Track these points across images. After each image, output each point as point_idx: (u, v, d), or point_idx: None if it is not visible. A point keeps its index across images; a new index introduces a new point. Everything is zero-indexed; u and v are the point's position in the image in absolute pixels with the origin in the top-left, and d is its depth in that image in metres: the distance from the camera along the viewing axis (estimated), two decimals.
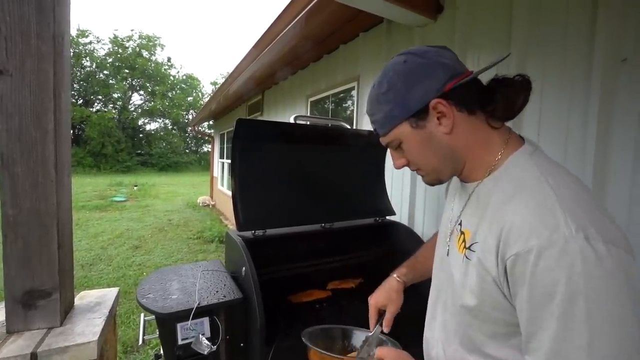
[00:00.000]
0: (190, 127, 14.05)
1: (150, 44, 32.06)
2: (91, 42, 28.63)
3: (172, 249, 5.44)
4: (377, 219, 1.78)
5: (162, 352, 1.12)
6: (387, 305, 0.85)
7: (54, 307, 0.97)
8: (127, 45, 30.57)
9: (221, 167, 9.76)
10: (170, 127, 34.27)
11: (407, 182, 2.26)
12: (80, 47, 27.55)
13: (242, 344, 1.18)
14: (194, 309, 1.06)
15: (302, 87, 4.12)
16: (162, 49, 36.71)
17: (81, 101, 28.17)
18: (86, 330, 0.97)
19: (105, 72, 29.28)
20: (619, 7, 1.18)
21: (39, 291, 0.95)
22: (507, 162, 0.58)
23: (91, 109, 27.68)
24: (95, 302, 1.16)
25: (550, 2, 1.42)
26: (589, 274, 0.43)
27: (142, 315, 1.25)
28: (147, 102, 32.58)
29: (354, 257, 1.43)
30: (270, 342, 1.07)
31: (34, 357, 0.84)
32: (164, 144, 32.53)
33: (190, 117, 32.96)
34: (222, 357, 1.15)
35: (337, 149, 1.69)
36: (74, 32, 27.03)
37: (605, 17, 1.21)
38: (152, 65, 32.04)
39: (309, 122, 1.79)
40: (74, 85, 27.05)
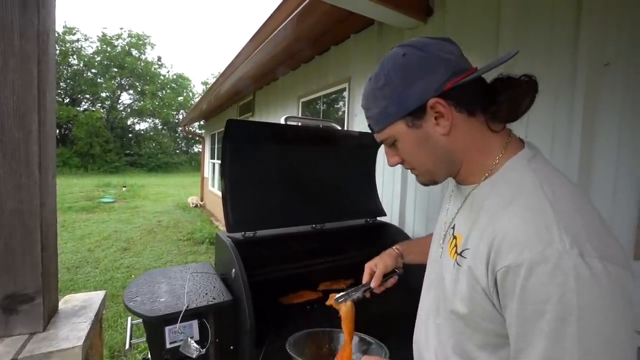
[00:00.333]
0: (180, 127, 13.90)
1: (140, 42, 31.57)
2: (79, 40, 28.08)
3: (161, 251, 5.36)
4: (368, 220, 1.79)
5: (149, 356, 1.10)
6: (378, 267, 0.90)
7: (37, 311, 0.94)
8: (116, 43, 30.07)
9: (212, 167, 9.68)
10: (160, 127, 33.81)
11: (398, 183, 2.28)
12: (67, 45, 26.96)
13: (231, 347, 1.17)
14: (183, 312, 1.04)
15: (294, 88, 4.12)
16: (152, 47, 36.24)
17: (68, 100, 27.56)
18: (70, 335, 0.95)
19: (93, 71, 28.72)
20: (600, 14, 1.22)
21: (21, 295, 0.93)
22: (504, 167, 0.55)
23: (78, 108, 27.05)
24: (80, 305, 1.14)
25: (536, 6, 1.45)
26: (583, 292, 0.41)
27: (130, 318, 1.23)
28: (137, 102, 32.07)
29: (345, 258, 1.44)
30: (260, 344, 1.06)
31: None
32: (154, 144, 32.04)
33: (180, 117, 32.56)
34: None
35: (328, 150, 1.69)
36: (60, 29, 26.46)
37: (588, 23, 1.25)
38: (142, 64, 31.54)
39: (299, 123, 1.79)
40: (60, 83, 26.44)
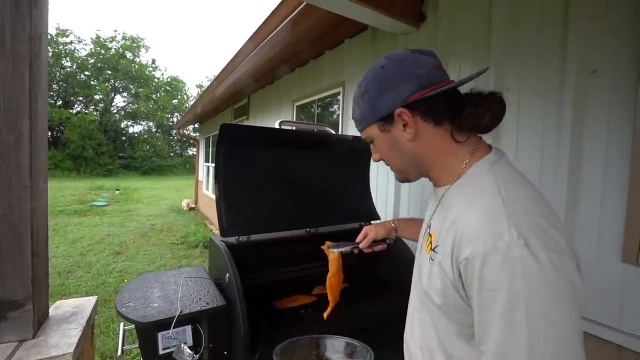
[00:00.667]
0: (175, 130, 13.81)
1: (134, 45, 31.40)
2: (72, 42, 27.83)
3: (155, 255, 5.30)
4: (362, 224, 1.79)
5: None
6: (369, 232, 1.03)
7: (27, 318, 0.93)
8: (109, 46, 29.87)
9: (206, 170, 9.63)
10: (154, 129, 33.56)
11: (392, 186, 2.30)
12: (59, 47, 26.70)
13: (225, 352, 1.16)
14: (176, 317, 1.03)
15: (288, 92, 4.13)
16: (147, 50, 36.01)
17: (60, 102, 27.26)
18: (61, 342, 0.94)
19: (86, 73, 28.46)
20: (587, 22, 1.25)
21: (10, 302, 0.91)
22: (470, 170, 0.60)
23: (71, 111, 26.75)
24: (71, 311, 1.12)
25: (526, 14, 1.48)
26: (529, 279, 0.45)
27: (122, 324, 1.21)
28: (131, 104, 31.84)
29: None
30: (254, 349, 1.05)
31: None
32: (148, 147, 31.79)
33: (175, 119, 32.37)
34: None
35: (322, 154, 1.70)
36: (53, 31, 26.20)
37: (575, 31, 1.28)
38: (136, 66, 31.37)
39: (294, 127, 1.79)
40: (53, 85, 26.14)
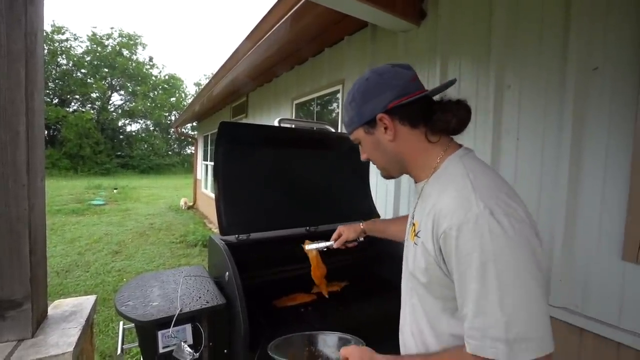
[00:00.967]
0: (173, 129, 13.74)
1: (131, 42, 31.19)
2: (68, 40, 27.61)
3: (153, 254, 5.29)
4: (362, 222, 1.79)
5: None
6: (343, 232, 1.21)
7: (25, 317, 0.92)
8: (106, 43, 29.66)
9: (205, 169, 9.60)
10: (152, 128, 33.40)
11: (392, 184, 2.30)
12: (55, 44, 26.49)
13: (225, 351, 1.16)
14: (176, 316, 1.03)
15: (287, 90, 4.12)
16: (144, 48, 35.85)
17: (57, 100, 27.05)
18: (60, 341, 0.93)
19: (82, 71, 28.26)
20: (588, 20, 1.25)
21: (9, 301, 0.91)
22: (444, 164, 0.70)
23: (68, 109, 26.57)
24: (70, 311, 1.12)
25: (527, 12, 1.47)
26: (495, 242, 0.53)
27: (121, 323, 1.21)
28: (128, 103, 31.66)
29: (339, 260, 1.44)
30: (254, 347, 1.05)
31: None
32: (146, 146, 31.65)
33: (172, 118, 32.20)
34: None
35: (321, 152, 1.69)
36: (49, 28, 25.96)
37: (576, 28, 1.28)
38: (133, 64, 31.14)
39: (293, 125, 1.79)
40: (49, 84, 25.93)
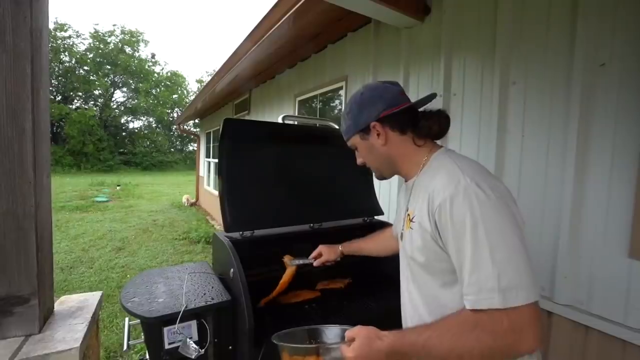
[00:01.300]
0: (175, 126, 13.77)
1: (133, 39, 31.13)
2: (70, 37, 27.60)
3: (156, 251, 5.32)
4: (366, 219, 1.79)
5: (147, 356, 1.10)
6: (323, 253, 1.31)
7: (32, 313, 0.93)
8: (108, 40, 29.62)
9: (207, 166, 9.62)
10: (154, 125, 33.40)
11: (395, 182, 2.29)
12: (58, 42, 26.51)
13: (230, 347, 1.17)
14: (181, 313, 1.04)
15: (290, 86, 4.10)
16: (146, 45, 35.82)
17: (59, 98, 27.12)
18: (67, 336, 0.94)
19: (85, 68, 28.27)
20: (596, 16, 1.23)
21: (16, 297, 0.91)
22: (431, 160, 0.82)
23: (70, 106, 26.63)
24: (76, 307, 1.12)
25: (532, 9, 1.46)
26: (482, 206, 0.64)
27: (127, 319, 1.22)
28: (130, 100, 31.68)
29: (343, 258, 1.44)
30: (258, 344, 1.06)
31: None
32: (148, 143, 31.69)
33: (175, 115, 32.20)
34: None
35: (325, 148, 1.69)
36: (51, 26, 25.96)
37: (584, 24, 1.26)
38: (135, 61, 31.10)
39: (297, 122, 1.78)
40: (52, 81, 25.99)
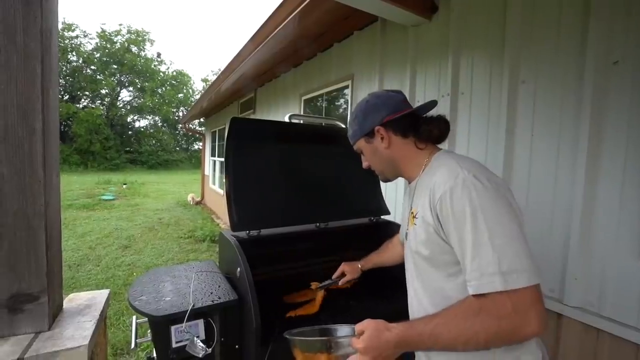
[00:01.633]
0: (181, 125, 13.85)
1: (139, 39, 31.37)
2: (77, 37, 27.89)
3: (162, 249, 5.36)
4: (372, 219, 1.78)
5: (154, 354, 1.10)
6: (346, 272, 1.37)
7: (42, 310, 0.94)
8: (115, 40, 29.88)
9: (213, 165, 9.66)
10: (160, 124, 33.64)
11: (401, 182, 2.28)
12: (66, 41, 26.79)
13: (237, 346, 1.17)
14: (189, 311, 1.04)
15: (296, 86, 4.10)
16: (152, 44, 36.14)
17: (67, 97, 27.42)
18: (76, 334, 0.94)
19: (92, 68, 28.54)
20: (608, 13, 1.21)
21: (26, 295, 0.92)
22: (432, 160, 0.86)
23: (78, 105, 26.92)
24: (85, 304, 1.13)
25: (543, 7, 1.43)
26: (480, 195, 0.67)
27: (134, 317, 1.23)
28: (137, 99, 31.92)
29: (349, 256, 1.44)
30: (265, 343, 1.06)
31: None
32: (154, 142, 31.92)
33: (180, 114, 32.38)
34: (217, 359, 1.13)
35: (332, 148, 1.68)
36: (60, 26, 26.14)
37: (596, 22, 1.24)
38: (141, 60, 31.33)
39: (303, 121, 1.78)
40: (60, 80, 26.28)
